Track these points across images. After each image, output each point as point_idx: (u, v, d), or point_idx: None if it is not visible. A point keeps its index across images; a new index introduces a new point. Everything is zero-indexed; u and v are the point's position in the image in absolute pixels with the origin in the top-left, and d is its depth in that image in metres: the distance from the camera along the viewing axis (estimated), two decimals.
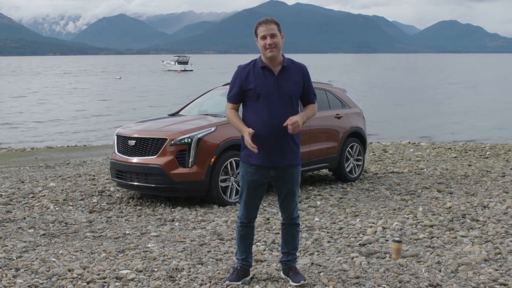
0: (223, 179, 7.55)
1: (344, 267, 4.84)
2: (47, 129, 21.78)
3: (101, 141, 17.98)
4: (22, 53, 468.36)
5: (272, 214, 7.00)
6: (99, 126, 22.41)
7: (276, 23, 4.20)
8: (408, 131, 19.87)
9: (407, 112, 27.48)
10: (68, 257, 5.27)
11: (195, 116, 8.50)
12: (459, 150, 13.39)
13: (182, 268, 4.85)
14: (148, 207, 7.60)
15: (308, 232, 6.14)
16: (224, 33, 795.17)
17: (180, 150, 7.34)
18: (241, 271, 4.49)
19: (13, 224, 6.65)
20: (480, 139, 17.11)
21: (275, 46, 4.15)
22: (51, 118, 25.00)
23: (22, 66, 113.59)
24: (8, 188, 8.76)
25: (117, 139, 8.00)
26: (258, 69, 4.24)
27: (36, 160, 12.86)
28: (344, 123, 9.27)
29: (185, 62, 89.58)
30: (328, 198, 7.99)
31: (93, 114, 27.06)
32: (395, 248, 5.14)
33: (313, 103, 4.39)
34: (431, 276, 4.61)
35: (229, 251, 5.43)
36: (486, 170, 10.20)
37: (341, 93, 9.76)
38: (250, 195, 4.35)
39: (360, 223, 6.50)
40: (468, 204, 7.40)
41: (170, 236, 6.07)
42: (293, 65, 4.29)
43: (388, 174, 10.02)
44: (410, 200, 7.75)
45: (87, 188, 8.79)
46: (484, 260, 5.02)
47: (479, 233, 6.00)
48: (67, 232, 6.30)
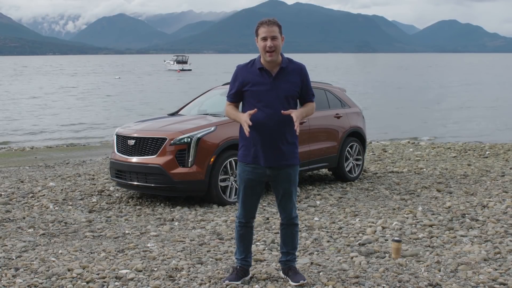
0: (223, 179, 7.55)
1: (344, 267, 4.84)
2: (47, 129, 21.77)
3: (101, 136, 17.99)
4: (22, 53, 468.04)
5: (271, 213, 7.00)
6: (98, 126, 22.40)
7: (278, 25, 4.20)
8: (407, 130, 19.88)
9: (407, 111, 27.49)
10: (67, 257, 5.27)
11: (194, 115, 8.50)
12: (458, 149, 13.40)
13: (181, 268, 4.85)
14: (148, 206, 7.60)
15: (308, 232, 6.14)
16: (224, 33, 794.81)
17: (179, 149, 7.34)
18: (241, 270, 4.49)
19: (12, 223, 6.65)
20: (480, 139, 17.11)
21: (275, 50, 4.15)
22: (61, 120, 24.73)
23: (28, 66, 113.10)
24: (8, 188, 8.76)
25: (116, 138, 8.00)
26: (256, 70, 4.25)
27: (35, 159, 12.86)
28: (344, 123, 9.27)
29: (184, 62, 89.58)
30: (327, 198, 7.99)
31: (95, 113, 27.04)
32: (395, 247, 5.14)
33: (312, 101, 4.41)
34: (430, 276, 4.61)
35: (228, 250, 5.43)
36: (485, 170, 10.20)
37: (340, 92, 9.76)
38: (248, 194, 4.36)
39: (360, 222, 6.50)
40: (468, 203, 7.40)
41: (170, 235, 6.07)
42: (291, 65, 4.29)
43: (387, 173, 10.02)
44: (410, 200, 7.75)
45: (86, 188, 8.79)
46: (484, 260, 5.02)
47: (479, 232, 6.00)
48: (67, 231, 6.30)
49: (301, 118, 4.18)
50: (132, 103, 32.77)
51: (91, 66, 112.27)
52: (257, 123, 4.18)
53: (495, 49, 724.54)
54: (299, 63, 4.36)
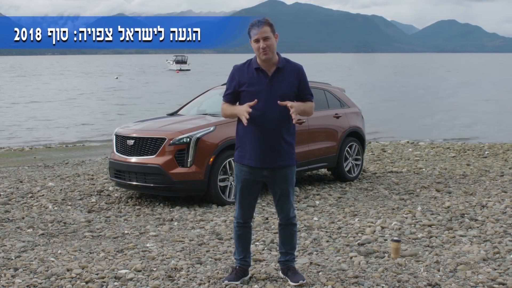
0: (222, 179, 7.55)
1: (343, 267, 4.84)
2: (47, 128, 21.75)
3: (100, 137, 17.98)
4: (21, 53, 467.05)
5: (271, 213, 7.00)
6: (97, 126, 22.38)
7: (269, 24, 4.16)
8: (407, 130, 19.87)
9: (406, 111, 27.47)
10: (67, 257, 5.27)
11: (193, 115, 8.50)
12: (457, 149, 13.40)
13: (181, 268, 4.85)
14: (147, 206, 7.60)
15: (307, 232, 6.14)
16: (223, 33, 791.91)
17: (179, 149, 7.35)
18: (240, 270, 4.49)
19: (11, 223, 6.64)
20: (479, 139, 17.11)
21: (269, 49, 4.14)
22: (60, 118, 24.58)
23: (39, 67, 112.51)
24: (7, 188, 8.75)
25: (116, 138, 8.00)
26: (252, 70, 4.24)
27: (34, 159, 12.86)
28: (343, 123, 9.27)
29: (184, 62, 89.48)
30: (327, 198, 7.99)
31: (97, 113, 27.01)
32: (394, 247, 5.14)
33: (311, 101, 4.39)
34: (429, 276, 4.61)
35: (228, 250, 5.43)
36: (484, 170, 10.20)
37: (340, 92, 9.76)
38: (245, 194, 4.36)
39: (359, 222, 6.50)
40: (467, 203, 7.40)
41: (169, 235, 6.07)
42: (288, 65, 4.28)
43: (387, 173, 10.02)
44: (409, 200, 7.75)
45: (85, 188, 8.78)
46: (483, 260, 5.03)
47: (478, 232, 6.00)
48: (66, 231, 6.29)
49: (298, 111, 4.16)
50: (132, 103, 32.72)
51: (101, 66, 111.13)
52: (254, 124, 4.17)
53: (494, 49, 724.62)
54: (296, 63, 4.35)
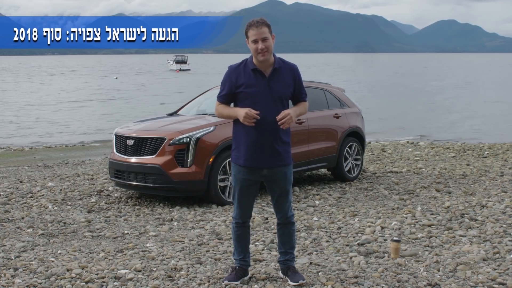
0: (222, 179, 7.55)
1: (343, 267, 4.84)
2: (48, 128, 21.74)
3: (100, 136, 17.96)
4: (21, 52, 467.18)
5: (270, 213, 7.00)
6: (97, 126, 22.37)
7: (267, 24, 4.15)
8: (406, 130, 19.87)
9: (406, 111, 27.47)
10: (66, 257, 5.27)
11: (193, 115, 8.50)
12: (457, 149, 13.40)
13: (180, 268, 4.85)
14: (147, 206, 7.60)
15: (307, 232, 6.14)
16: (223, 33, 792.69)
17: (178, 149, 7.35)
18: (240, 270, 4.50)
19: (11, 223, 6.64)
20: (479, 139, 17.11)
21: (267, 50, 4.14)
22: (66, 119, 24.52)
23: (42, 66, 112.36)
24: (7, 188, 8.75)
25: (115, 138, 8.00)
26: (249, 71, 4.22)
27: (34, 159, 12.86)
28: (343, 123, 9.27)
29: (184, 62, 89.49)
30: (326, 198, 7.99)
31: (97, 113, 26.99)
32: (394, 247, 5.14)
33: (305, 101, 4.40)
34: (429, 276, 4.61)
35: (227, 250, 5.43)
36: (484, 170, 10.20)
37: (339, 92, 9.76)
38: (243, 194, 4.37)
39: (359, 222, 6.50)
40: (467, 203, 7.40)
41: (169, 235, 6.07)
42: (284, 66, 4.28)
43: (386, 173, 10.02)
44: (409, 200, 7.75)
45: (85, 188, 8.78)
46: (483, 260, 5.03)
47: (478, 232, 6.00)
48: (66, 231, 6.30)
49: (295, 119, 4.22)
50: (132, 104, 32.72)
51: (114, 67, 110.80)
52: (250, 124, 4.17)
53: (494, 49, 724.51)
54: (292, 63, 4.35)
